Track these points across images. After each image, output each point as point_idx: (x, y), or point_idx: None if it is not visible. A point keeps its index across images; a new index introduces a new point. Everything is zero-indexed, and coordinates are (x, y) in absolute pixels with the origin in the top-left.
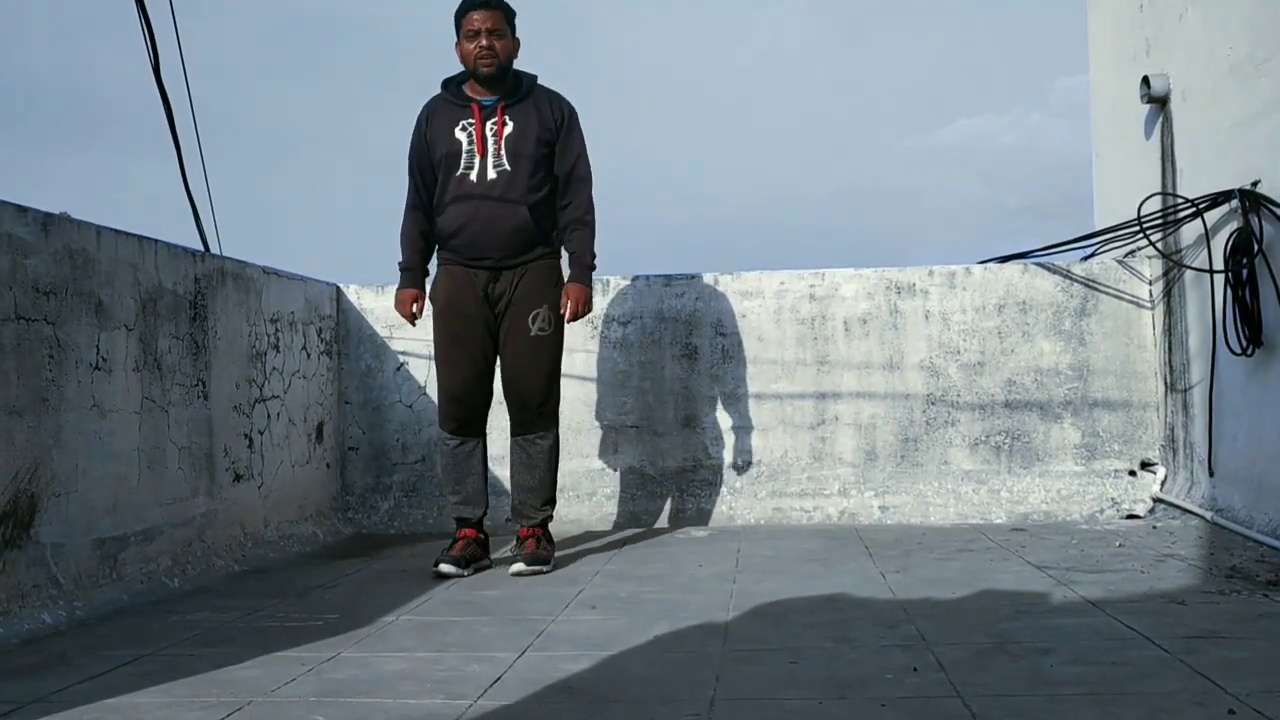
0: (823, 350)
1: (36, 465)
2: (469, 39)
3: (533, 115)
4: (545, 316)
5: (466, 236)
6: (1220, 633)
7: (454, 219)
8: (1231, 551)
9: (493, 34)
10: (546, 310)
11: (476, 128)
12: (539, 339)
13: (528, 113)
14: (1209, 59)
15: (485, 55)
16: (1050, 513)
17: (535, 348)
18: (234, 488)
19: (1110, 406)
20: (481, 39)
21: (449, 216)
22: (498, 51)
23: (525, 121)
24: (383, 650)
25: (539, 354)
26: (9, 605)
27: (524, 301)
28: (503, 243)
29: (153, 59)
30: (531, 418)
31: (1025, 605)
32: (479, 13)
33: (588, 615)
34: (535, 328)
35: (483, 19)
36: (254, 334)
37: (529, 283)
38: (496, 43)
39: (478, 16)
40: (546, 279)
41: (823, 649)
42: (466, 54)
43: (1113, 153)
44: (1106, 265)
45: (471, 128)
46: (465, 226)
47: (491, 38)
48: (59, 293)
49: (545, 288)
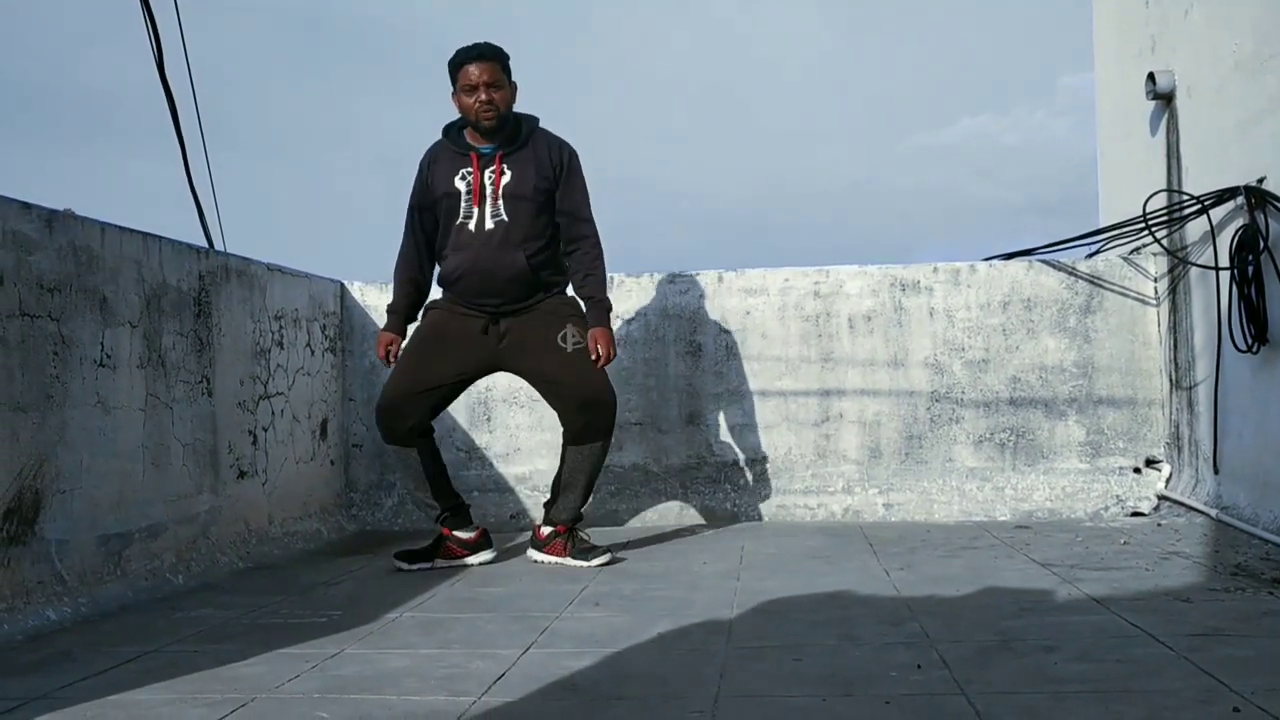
0: (827, 347)
1: (41, 462)
2: (467, 93)
3: (530, 163)
4: (574, 332)
5: (466, 284)
6: (1225, 630)
7: (454, 266)
8: (1236, 549)
9: (490, 87)
10: (573, 327)
11: (475, 177)
12: (579, 351)
13: (526, 161)
14: (1214, 56)
15: (485, 110)
16: (1055, 510)
17: (580, 356)
18: (238, 484)
19: (1115, 404)
20: (480, 93)
21: (450, 264)
22: (497, 103)
23: (524, 169)
24: (386, 647)
25: (588, 361)
26: (14, 601)
27: (542, 328)
28: (501, 291)
29: (156, 56)
30: (607, 424)
31: (1029, 603)
32: (475, 66)
33: (591, 612)
34: (570, 344)
35: (479, 72)
36: (258, 331)
37: (540, 313)
38: (495, 94)
39: (474, 70)
40: (557, 305)
41: (826, 646)
42: (466, 107)
43: (1118, 150)
44: (1111, 262)
45: (470, 177)
46: (465, 275)
47: (490, 90)
48: (63, 289)
49: (560, 311)
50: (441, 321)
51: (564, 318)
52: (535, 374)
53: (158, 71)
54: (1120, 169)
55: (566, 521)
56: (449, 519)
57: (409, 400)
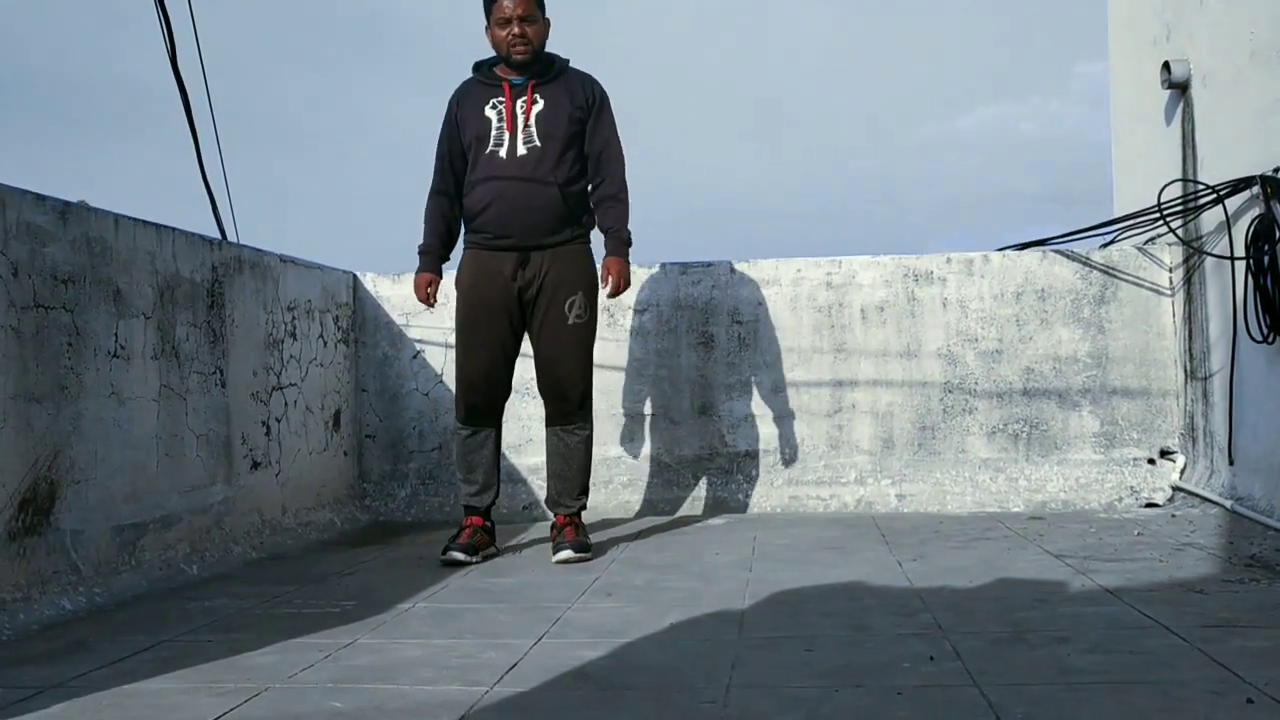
0: (840, 338)
1: (56, 452)
2: (500, 26)
3: (564, 94)
4: (581, 303)
5: (493, 214)
6: (1239, 622)
7: (481, 197)
8: (1251, 540)
9: (524, 21)
10: (582, 296)
11: (507, 105)
12: (576, 327)
13: (559, 92)
14: (1230, 45)
15: (518, 43)
16: (1068, 501)
17: (573, 336)
18: (251, 475)
19: (1129, 394)
20: (514, 26)
21: (477, 195)
22: (530, 38)
23: (556, 100)
24: (399, 637)
25: (577, 343)
26: (29, 591)
27: (558, 288)
28: (530, 221)
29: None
30: (572, 409)
31: (1043, 594)
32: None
33: (604, 603)
34: (573, 315)
35: (514, 6)
36: (271, 322)
37: (561, 268)
38: (529, 29)
39: (509, 4)
40: (579, 264)
41: (839, 637)
42: (499, 40)
43: (1133, 139)
44: (1126, 252)
45: (501, 105)
46: (493, 204)
47: (524, 25)
48: (77, 281)
49: (579, 273)
50: (472, 291)
51: (578, 284)
52: (535, 338)
53: (170, 64)
54: (1135, 158)
55: (566, 514)
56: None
57: (482, 392)
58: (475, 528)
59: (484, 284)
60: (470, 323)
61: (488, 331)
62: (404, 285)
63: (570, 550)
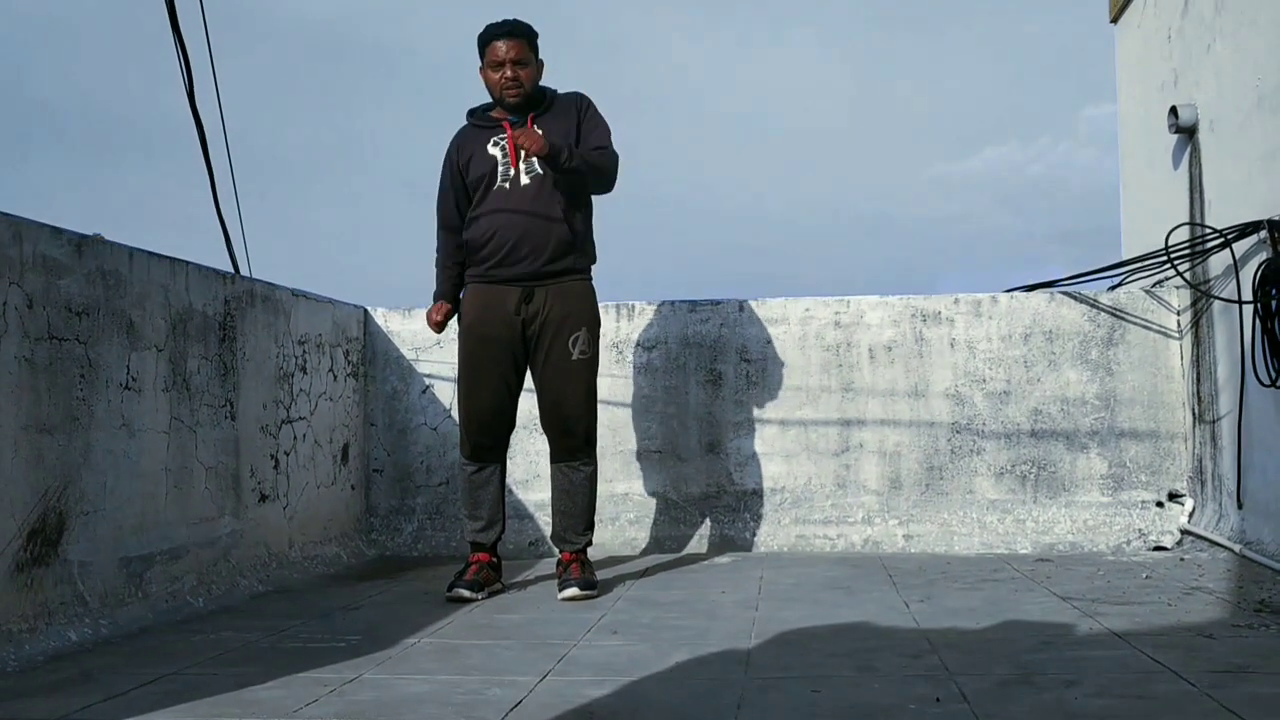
0: (847, 377)
1: (66, 483)
2: (494, 68)
3: (559, 120)
4: (585, 339)
5: (496, 244)
6: (1249, 668)
7: (485, 228)
8: (1261, 585)
9: (517, 64)
10: (585, 332)
11: (510, 140)
12: (580, 363)
13: (555, 119)
14: (1237, 90)
15: (511, 86)
16: (1076, 543)
17: (577, 373)
18: (259, 508)
19: (1137, 437)
20: (506, 70)
21: (480, 226)
22: (523, 80)
23: (554, 127)
24: (404, 673)
25: (581, 379)
26: (35, 622)
27: (561, 324)
28: (534, 250)
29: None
30: (577, 444)
31: (1050, 636)
32: (503, 42)
33: (609, 640)
34: (576, 351)
35: (507, 49)
36: (282, 355)
37: (564, 304)
38: (521, 71)
39: (502, 46)
40: (582, 299)
41: (845, 678)
42: (492, 83)
43: (1140, 182)
44: (1134, 295)
45: (504, 142)
46: (496, 234)
47: (516, 68)
48: (91, 313)
49: (582, 309)
50: (476, 327)
51: (582, 319)
52: (537, 374)
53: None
54: (1143, 202)
55: (571, 550)
56: (494, 547)
57: (485, 429)
58: (481, 564)
59: (487, 319)
60: (474, 359)
61: (491, 367)
62: (414, 320)
63: (576, 587)
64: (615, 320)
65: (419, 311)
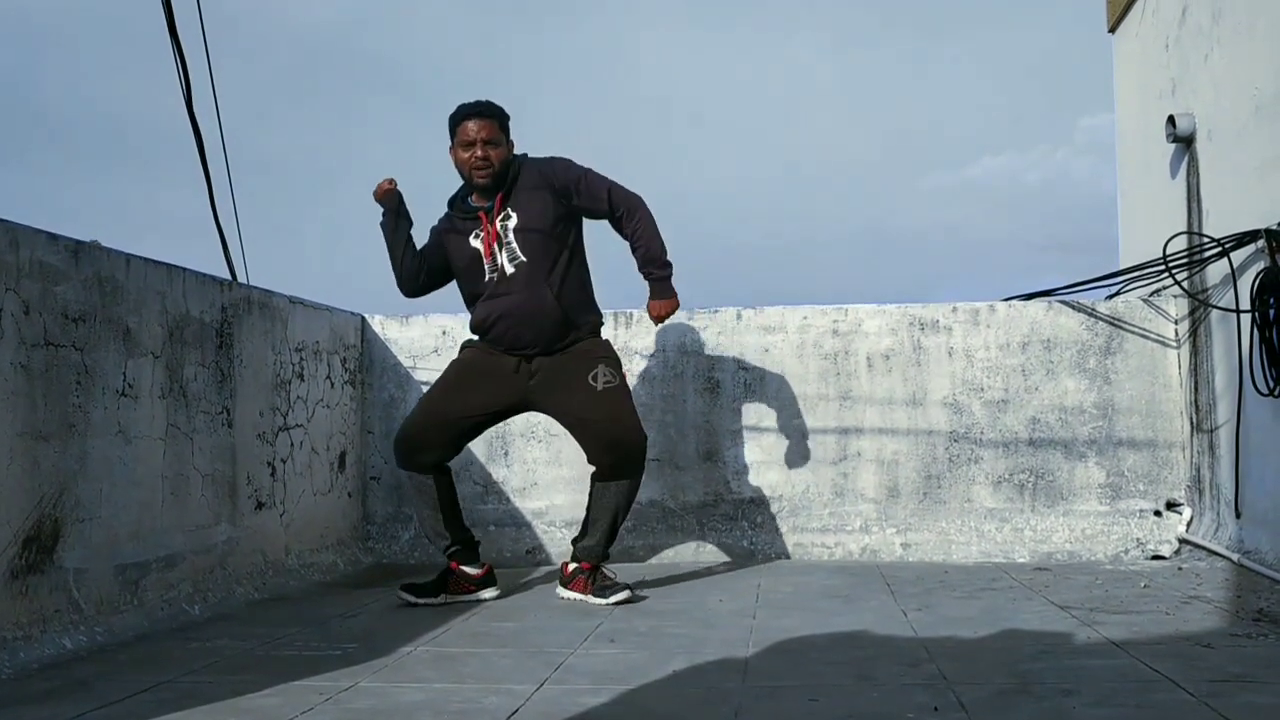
0: (845, 386)
1: (61, 490)
2: (464, 148)
3: (529, 193)
4: (607, 372)
5: (499, 330)
6: (1247, 677)
7: (485, 314)
8: (1259, 594)
9: (487, 144)
10: (605, 367)
11: (486, 232)
12: (610, 389)
13: (524, 194)
14: (1235, 99)
15: (480, 165)
16: (1074, 552)
17: (611, 395)
18: (256, 515)
19: (1135, 446)
20: (476, 150)
21: (480, 313)
22: (493, 160)
23: (527, 204)
24: (401, 681)
25: (619, 403)
26: (30, 630)
27: (573, 367)
28: (535, 333)
29: (185, 93)
30: (638, 463)
31: (1048, 645)
32: (474, 122)
33: (606, 649)
34: (601, 383)
35: (477, 129)
36: (279, 363)
37: (572, 355)
38: (491, 152)
39: (473, 127)
40: (592, 348)
41: (843, 686)
42: (461, 161)
43: (1138, 191)
44: (1132, 304)
45: (483, 234)
46: (499, 320)
47: (486, 148)
48: (88, 319)
49: (593, 353)
50: (473, 358)
51: (596, 359)
52: (564, 411)
53: (186, 108)
54: (1140, 211)
55: (590, 559)
56: (459, 553)
57: (433, 431)
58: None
59: (481, 359)
60: (463, 370)
61: (478, 385)
62: (412, 328)
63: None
64: (613, 328)
65: (417, 319)
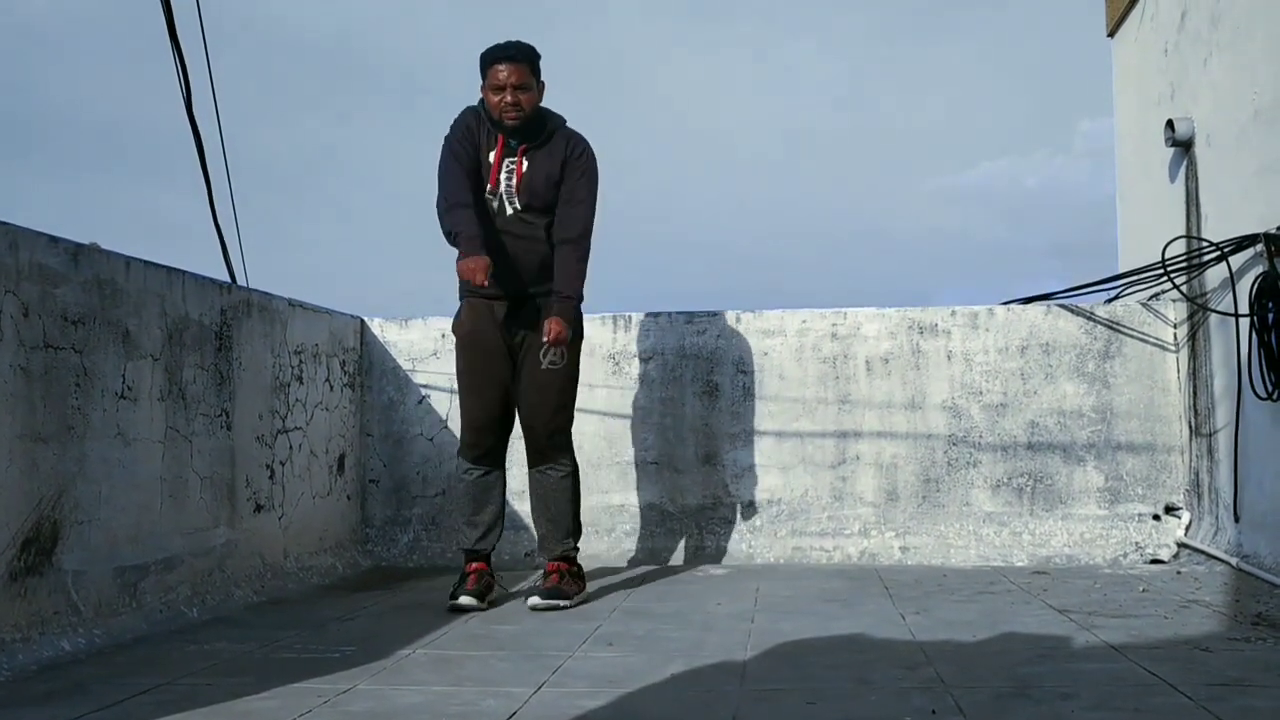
0: (844, 389)
1: (60, 492)
2: (494, 91)
3: (548, 159)
4: (557, 351)
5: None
6: (1245, 681)
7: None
8: (1257, 598)
9: (518, 89)
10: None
11: (496, 159)
12: (549, 373)
13: (545, 157)
14: (1234, 104)
15: (510, 110)
16: (1073, 556)
17: (546, 380)
18: (254, 518)
19: (1134, 450)
20: (506, 94)
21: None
22: (523, 105)
23: (542, 165)
24: (399, 684)
25: (549, 386)
26: (29, 632)
27: (539, 337)
28: (519, 275)
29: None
30: (542, 446)
31: (1047, 649)
32: (504, 66)
33: (604, 652)
34: (546, 362)
35: (508, 73)
36: (278, 365)
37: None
38: (521, 96)
39: (503, 70)
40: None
41: (841, 690)
42: (492, 105)
43: (1137, 196)
44: (1130, 308)
45: (493, 156)
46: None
47: (516, 93)
48: (87, 322)
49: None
50: (471, 344)
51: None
52: (517, 384)
53: (185, 109)
54: (1139, 215)
55: (551, 559)
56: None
57: (493, 415)
58: (480, 573)
59: (482, 329)
60: (471, 366)
61: (488, 373)
62: (411, 331)
63: (539, 597)
64: (612, 331)
65: (416, 322)
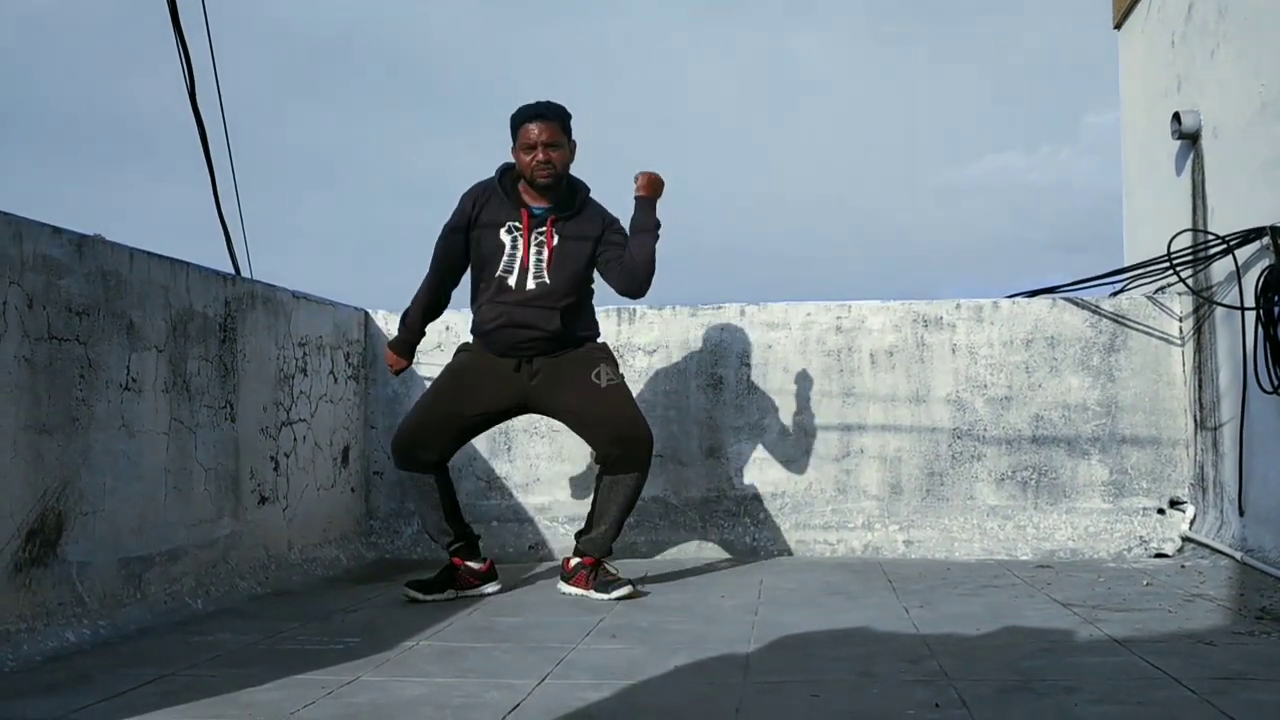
0: (848, 382)
1: (65, 484)
2: (525, 151)
3: (584, 226)
4: (608, 371)
5: (500, 337)
6: (1249, 675)
7: (490, 318)
8: (1262, 592)
9: (549, 147)
10: (604, 366)
11: (524, 235)
12: (613, 386)
13: (576, 230)
14: (1240, 96)
15: (542, 169)
16: (1077, 550)
17: (614, 390)
18: (259, 510)
19: (1139, 443)
20: (538, 153)
21: (485, 314)
22: (554, 163)
23: (574, 241)
24: (402, 675)
25: (623, 396)
26: (34, 623)
27: (574, 368)
28: (533, 344)
29: (189, 87)
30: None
31: (1050, 643)
32: (535, 125)
33: (608, 644)
34: (604, 381)
35: (539, 131)
36: (282, 357)
37: (572, 358)
38: (553, 154)
39: (535, 129)
40: (591, 351)
41: (844, 683)
42: (523, 165)
43: (1143, 189)
44: (1136, 301)
45: (518, 233)
46: (501, 329)
47: (548, 150)
48: (91, 313)
49: (593, 356)
50: (472, 360)
51: (596, 360)
52: (566, 410)
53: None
54: (1145, 208)
55: (592, 554)
56: (462, 549)
57: (431, 432)
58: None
59: (481, 360)
60: (461, 371)
61: (478, 386)
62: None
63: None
64: (616, 324)
65: None
